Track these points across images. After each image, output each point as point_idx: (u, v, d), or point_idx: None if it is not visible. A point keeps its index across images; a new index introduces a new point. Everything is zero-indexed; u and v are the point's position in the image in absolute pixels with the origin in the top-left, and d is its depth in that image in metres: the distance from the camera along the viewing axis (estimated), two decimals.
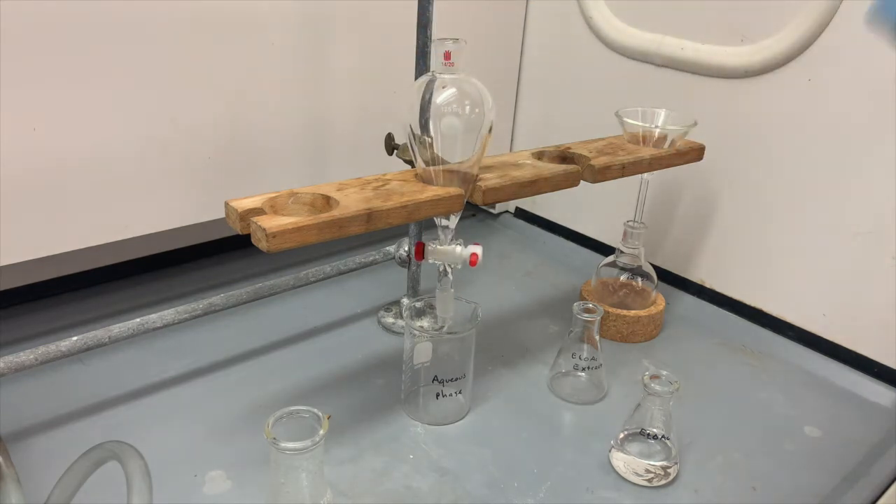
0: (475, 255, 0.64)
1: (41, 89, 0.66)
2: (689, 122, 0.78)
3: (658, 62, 0.93)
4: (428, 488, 0.62)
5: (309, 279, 0.84)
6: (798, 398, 0.78)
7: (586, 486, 0.64)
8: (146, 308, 0.84)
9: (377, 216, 0.56)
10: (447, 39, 0.58)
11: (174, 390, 0.74)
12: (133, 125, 0.73)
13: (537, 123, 1.13)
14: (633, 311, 0.86)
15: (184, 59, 0.74)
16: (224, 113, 0.80)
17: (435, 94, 0.59)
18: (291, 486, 0.52)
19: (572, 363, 0.75)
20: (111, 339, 0.70)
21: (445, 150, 0.60)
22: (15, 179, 0.67)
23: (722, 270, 0.94)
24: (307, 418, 0.52)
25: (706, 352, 0.87)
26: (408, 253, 0.86)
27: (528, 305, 0.95)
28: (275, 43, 0.81)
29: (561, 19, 1.03)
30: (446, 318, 0.68)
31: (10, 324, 0.83)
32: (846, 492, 0.65)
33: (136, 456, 0.48)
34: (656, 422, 0.63)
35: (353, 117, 0.91)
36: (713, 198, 0.92)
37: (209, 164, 0.80)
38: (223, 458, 0.64)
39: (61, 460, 0.52)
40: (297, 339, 0.84)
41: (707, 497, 0.63)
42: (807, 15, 0.78)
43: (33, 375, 0.73)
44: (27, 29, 0.64)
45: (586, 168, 0.71)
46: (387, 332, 0.87)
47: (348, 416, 0.70)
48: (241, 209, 0.53)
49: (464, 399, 0.71)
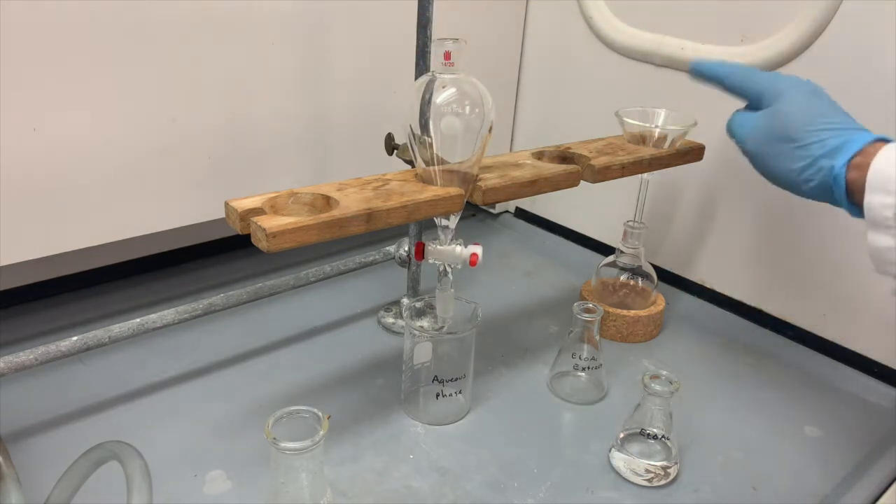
0: (475, 255, 0.64)
1: (41, 89, 0.66)
2: (689, 122, 0.78)
3: (658, 62, 0.93)
4: (428, 488, 0.62)
5: (309, 279, 0.84)
6: (798, 398, 0.78)
7: (586, 486, 0.64)
8: (146, 308, 0.84)
9: (377, 216, 0.56)
10: (447, 39, 0.58)
11: (174, 390, 0.74)
12: (133, 125, 0.73)
13: (537, 123, 1.13)
14: (633, 311, 0.86)
15: (184, 59, 0.74)
16: (224, 113, 0.80)
17: (435, 94, 0.59)
18: (291, 486, 0.52)
19: (572, 363, 0.75)
20: (111, 339, 0.70)
21: (445, 150, 0.60)
22: (15, 179, 0.67)
23: (722, 270, 0.94)
24: (307, 418, 0.52)
25: (706, 352, 0.87)
26: (408, 253, 0.86)
27: (528, 305, 0.95)
28: (275, 43, 0.81)
29: (561, 19, 1.03)
30: (446, 318, 0.68)
31: (10, 324, 0.83)
32: (846, 492, 0.65)
33: (136, 456, 0.48)
34: (656, 422, 0.63)
35: (353, 117, 0.91)
36: (713, 198, 0.92)
37: (209, 165, 0.80)
38: (223, 458, 0.64)
39: (61, 460, 0.52)
40: (297, 339, 0.84)
41: (707, 497, 0.63)
42: (807, 15, 0.78)
43: (33, 375, 0.73)
44: (27, 29, 0.64)
45: (586, 168, 0.70)
46: (387, 332, 0.87)
47: (348, 416, 0.70)
48: (241, 209, 0.53)
49: (464, 399, 0.71)
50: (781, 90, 0.59)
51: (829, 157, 0.54)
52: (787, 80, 0.60)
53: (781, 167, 0.57)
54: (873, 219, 0.52)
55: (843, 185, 0.54)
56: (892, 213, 0.50)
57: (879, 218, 0.51)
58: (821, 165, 0.54)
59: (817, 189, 0.55)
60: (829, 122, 0.55)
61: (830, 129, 0.55)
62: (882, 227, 0.51)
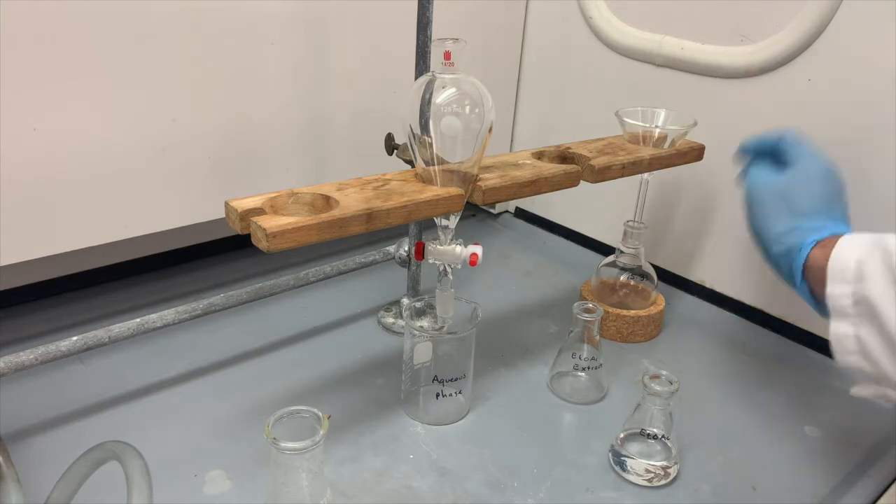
0: (475, 255, 0.64)
1: (41, 89, 0.66)
2: (689, 122, 0.78)
3: (658, 62, 0.93)
4: (428, 488, 0.62)
5: (309, 279, 0.84)
6: (798, 398, 0.78)
7: (586, 486, 0.64)
8: (146, 308, 0.84)
9: (377, 216, 0.56)
10: (447, 39, 0.58)
11: (174, 390, 0.74)
12: (133, 125, 0.73)
13: (537, 123, 1.13)
14: (633, 311, 0.86)
15: (184, 58, 0.74)
16: (224, 113, 0.80)
17: (435, 94, 0.59)
18: (291, 486, 0.52)
19: (572, 363, 0.75)
20: (111, 339, 0.70)
21: (445, 150, 0.60)
22: (15, 179, 0.67)
23: (722, 270, 0.94)
24: (307, 418, 0.52)
25: (706, 352, 0.86)
26: (408, 253, 0.86)
27: (528, 305, 0.95)
28: (275, 43, 0.81)
29: (561, 19, 1.03)
30: (446, 318, 0.68)
31: (10, 324, 0.83)
32: (846, 492, 0.65)
33: (136, 456, 0.48)
34: (656, 422, 0.63)
35: (353, 117, 0.91)
36: (713, 198, 0.92)
37: (209, 164, 0.80)
38: (223, 458, 0.64)
39: (61, 460, 0.52)
40: (297, 339, 0.84)
41: (707, 497, 0.63)
42: (807, 15, 0.78)
43: (33, 375, 0.73)
44: (27, 29, 0.64)
45: (586, 168, 0.70)
46: (387, 332, 0.87)
47: (348, 416, 0.70)
48: (241, 209, 0.53)
49: (464, 399, 0.71)
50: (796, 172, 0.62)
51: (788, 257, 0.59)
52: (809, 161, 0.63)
53: (763, 247, 0.63)
54: (834, 308, 0.55)
55: (807, 288, 0.58)
56: (849, 301, 0.53)
57: (839, 307, 0.54)
58: (786, 260, 0.60)
59: (787, 278, 0.61)
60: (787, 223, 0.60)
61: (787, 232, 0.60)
62: (842, 316, 0.54)
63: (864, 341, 0.53)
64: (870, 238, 0.54)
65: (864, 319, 0.53)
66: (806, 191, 0.61)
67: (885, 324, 0.51)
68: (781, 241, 0.60)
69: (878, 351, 0.52)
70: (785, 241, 0.59)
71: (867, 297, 0.52)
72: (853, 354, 0.54)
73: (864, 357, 0.53)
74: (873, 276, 0.52)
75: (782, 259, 0.60)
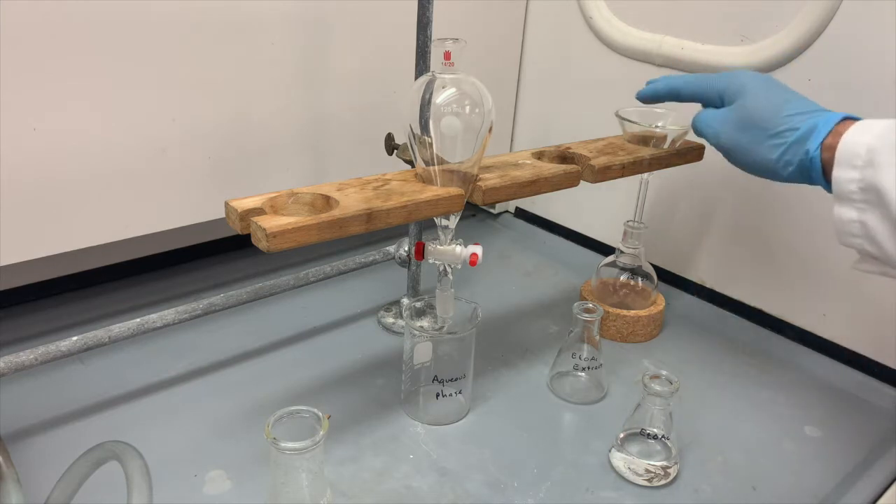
0: (475, 255, 0.64)
1: (41, 89, 0.66)
2: (689, 122, 0.78)
3: (658, 62, 0.93)
4: (428, 488, 0.62)
5: (309, 279, 0.84)
6: (798, 398, 0.78)
7: (586, 486, 0.64)
8: (146, 308, 0.84)
9: (377, 216, 0.56)
10: (447, 39, 0.58)
11: (174, 390, 0.74)
12: (133, 125, 0.73)
13: (537, 123, 1.13)
14: (633, 311, 0.86)
15: (184, 58, 0.74)
16: (224, 113, 0.80)
17: (435, 94, 0.59)
18: (291, 486, 0.52)
19: (572, 363, 0.75)
20: (111, 339, 0.70)
21: (445, 150, 0.60)
22: (15, 179, 0.67)
23: (722, 270, 0.94)
24: (307, 418, 0.52)
25: (706, 352, 0.86)
26: (408, 253, 0.86)
27: (528, 305, 0.95)
28: (275, 43, 0.81)
29: (561, 19, 1.03)
30: (446, 318, 0.68)
31: (10, 324, 0.83)
32: (846, 492, 0.65)
33: (136, 456, 0.48)
34: (656, 422, 0.63)
35: (353, 117, 0.91)
36: (713, 198, 0.92)
37: (209, 164, 0.80)
38: (223, 458, 0.64)
39: (61, 460, 0.52)
40: (297, 339, 0.84)
41: (707, 497, 0.63)
42: (807, 15, 0.78)
43: (33, 375, 0.73)
44: (27, 29, 0.64)
45: (586, 168, 0.70)
46: (387, 332, 0.87)
47: (348, 416, 0.70)
48: (241, 209, 0.53)
49: (464, 399, 0.71)
50: (741, 85, 0.61)
51: (803, 142, 0.56)
52: (742, 74, 0.63)
53: (758, 157, 0.59)
54: (839, 192, 0.54)
55: (820, 166, 0.56)
56: (856, 188, 0.53)
57: (845, 191, 0.54)
58: (796, 150, 0.57)
59: (796, 172, 0.57)
60: (796, 107, 0.58)
61: (799, 114, 0.57)
62: (847, 201, 0.54)
63: (870, 226, 0.53)
64: (884, 125, 0.53)
65: (870, 206, 0.52)
66: (769, 103, 0.59)
67: (894, 212, 0.50)
68: (785, 164, 0.57)
69: (884, 236, 0.52)
70: (790, 161, 0.57)
71: (875, 184, 0.51)
72: (856, 237, 0.54)
73: (869, 241, 0.53)
74: (886, 165, 0.51)
75: (798, 177, 0.58)
